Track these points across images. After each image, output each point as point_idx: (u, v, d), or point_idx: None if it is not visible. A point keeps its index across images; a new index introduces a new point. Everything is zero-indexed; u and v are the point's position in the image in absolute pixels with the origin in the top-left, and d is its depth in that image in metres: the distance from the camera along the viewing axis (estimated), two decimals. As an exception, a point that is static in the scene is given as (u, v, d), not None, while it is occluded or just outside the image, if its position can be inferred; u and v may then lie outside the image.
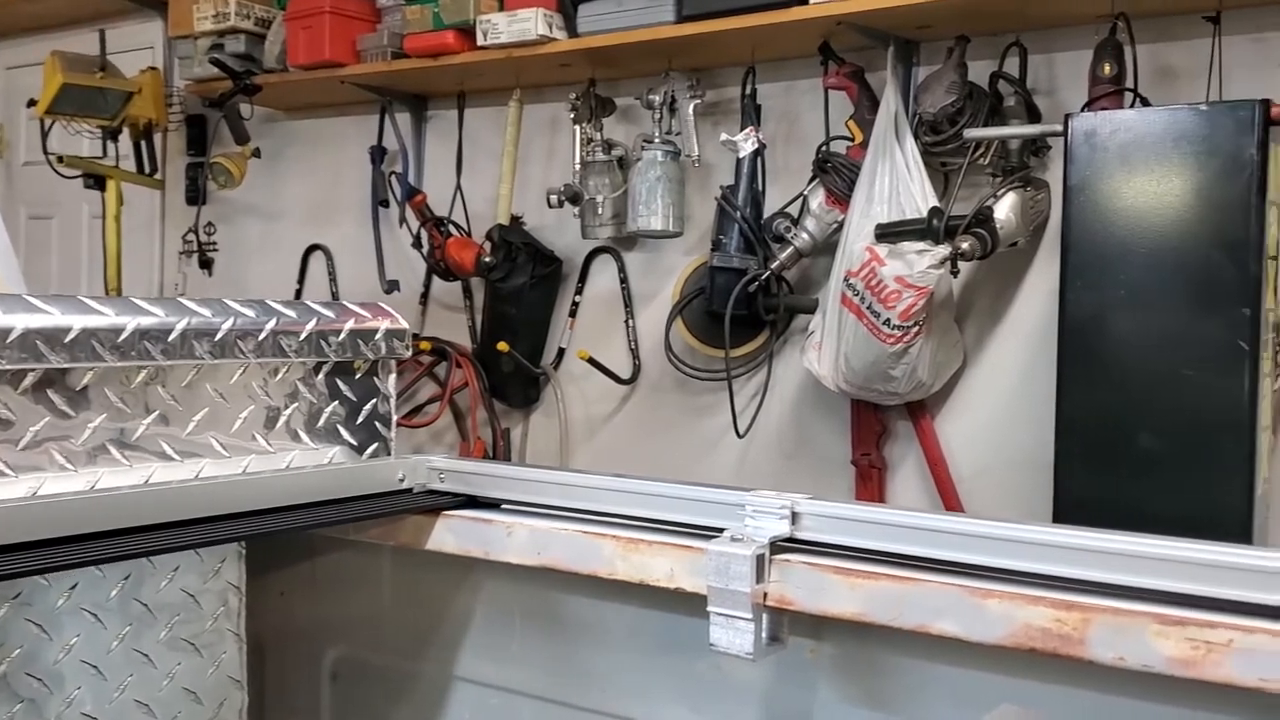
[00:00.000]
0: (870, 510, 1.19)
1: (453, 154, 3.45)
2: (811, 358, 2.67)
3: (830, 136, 2.74)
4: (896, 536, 1.14)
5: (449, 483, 1.46)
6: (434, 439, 3.42)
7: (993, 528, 1.10)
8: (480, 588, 1.52)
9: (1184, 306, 2.03)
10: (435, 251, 3.30)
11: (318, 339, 1.40)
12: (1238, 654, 0.95)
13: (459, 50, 3.09)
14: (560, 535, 1.32)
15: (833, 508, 1.18)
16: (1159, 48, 2.39)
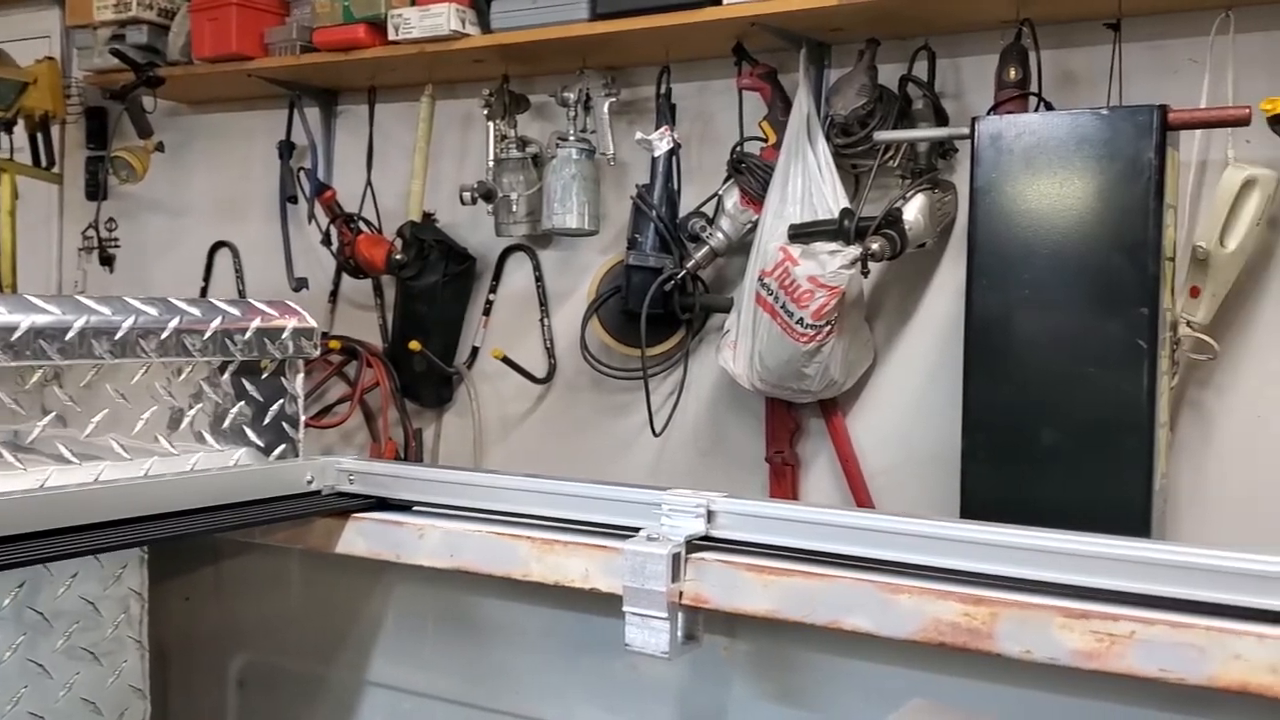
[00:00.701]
0: (784, 508, 1.20)
1: (363, 150, 3.40)
2: (727, 356, 2.68)
3: (744, 137, 2.76)
4: (809, 533, 1.15)
5: (359, 484, 1.43)
6: (344, 440, 3.37)
7: (903, 524, 1.12)
8: (392, 591, 1.49)
9: (1085, 306, 2.08)
10: (345, 249, 3.25)
11: (223, 338, 1.37)
12: (1139, 645, 0.97)
13: (370, 45, 3.04)
14: (473, 537, 1.31)
15: (747, 506, 1.19)
16: (1062, 53, 2.45)
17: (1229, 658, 0.94)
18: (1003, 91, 2.38)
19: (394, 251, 3.14)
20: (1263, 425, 2.32)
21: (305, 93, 3.45)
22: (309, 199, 3.37)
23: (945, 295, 2.61)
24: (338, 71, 3.24)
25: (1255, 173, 2.17)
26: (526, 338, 3.20)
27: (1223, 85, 2.26)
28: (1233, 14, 2.24)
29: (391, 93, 3.38)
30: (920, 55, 2.55)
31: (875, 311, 2.71)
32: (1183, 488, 2.35)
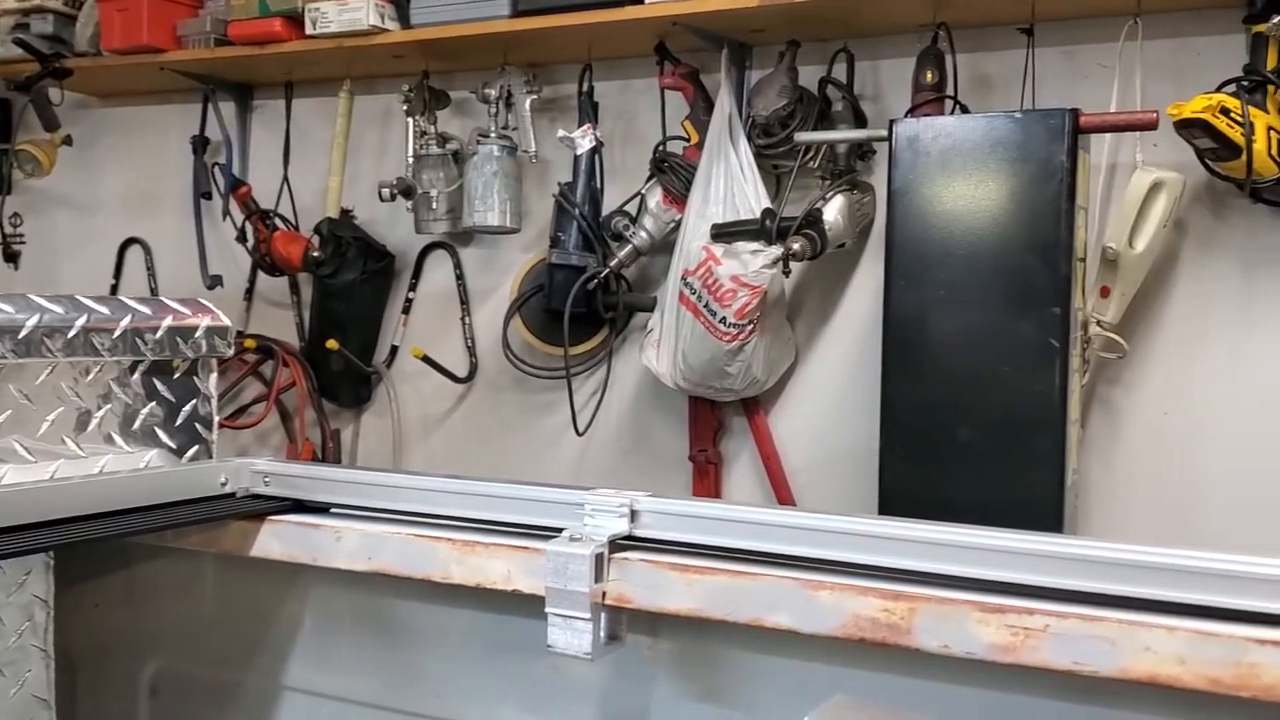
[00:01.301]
0: (707, 506, 1.21)
1: (280, 145, 3.34)
2: (650, 355, 2.69)
3: (667, 136, 2.76)
4: (732, 531, 1.15)
5: (274, 486, 1.40)
6: (260, 441, 3.31)
7: (824, 521, 1.13)
8: (309, 594, 1.47)
9: (1000, 306, 2.12)
10: (261, 246, 3.18)
11: (133, 337, 1.33)
12: (1053, 639, 0.99)
13: (286, 39, 2.99)
14: (392, 539, 1.29)
15: (670, 505, 1.19)
16: (977, 57, 2.50)
17: (1139, 650, 0.96)
18: (920, 94, 2.42)
19: (311, 249, 3.09)
20: (1169, 422, 2.38)
21: (220, 87, 3.38)
22: (224, 195, 3.30)
23: (864, 295, 2.64)
24: (253, 65, 3.18)
25: (1162, 176, 2.24)
26: (447, 336, 3.17)
27: (1131, 90, 2.32)
28: (1140, 21, 2.30)
29: (309, 87, 3.32)
30: (839, 58, 2.58)
31: (796, 311, 2.73)
32: (1093, 483, 2.41)
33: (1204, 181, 2.29)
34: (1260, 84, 2.12)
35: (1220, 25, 2.27)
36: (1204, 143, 2.10)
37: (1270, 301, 2.29)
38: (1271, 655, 0.92)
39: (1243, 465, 2.31)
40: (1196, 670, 0.94)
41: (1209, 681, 0.94)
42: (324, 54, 2.97)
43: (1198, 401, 2.36)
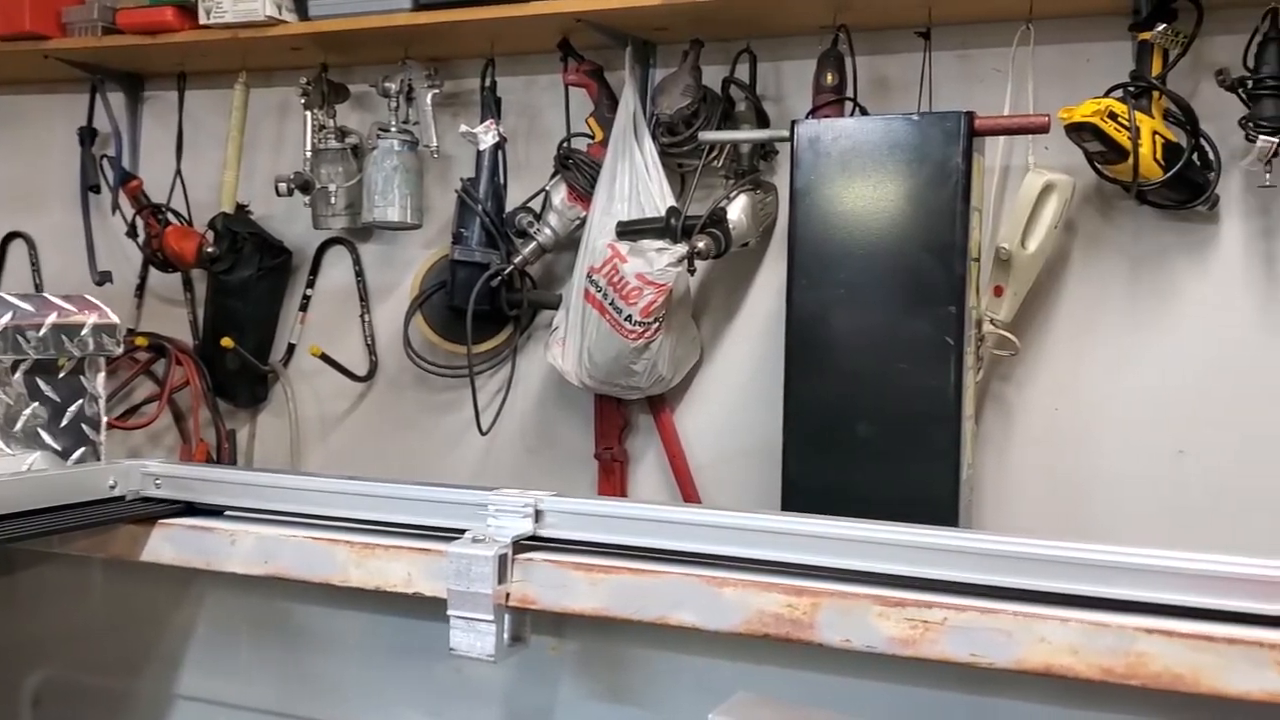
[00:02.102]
0: (611, 505, 1.20)
1: (172, 138, 3.24)
2: (555, 353, 2.67)
3: (571, 133, 2.75)
4: (637, 530, 1.15)
5: (166, 489, 1.36)
6: (152, 442, 3.21)
7: (728, 518, 1.13)
8: (203, 600, 1.43)
9: (898, 304, 2.16)
10: (152, 241, 3.09)
11: (14, 334, 1.28)
12: (951, 631, 1.01)
13: (179, 28, 2.90)
14: (289, 542, 1.26)
15: (575, 504, 1.18)
16: (876, 59, 2.54)
17: (1034, 641, 0.99)
18: (820, 96, 2.45)
19: (205, 244, 3.01)
20: (1059, 417, 2.45)
21: (108, 76, 3.27)
22: (113, 189, 3.19)
23: (768, 293, 2.66)
24: (144, 55, 3.08)
25: (1053, 178, 2.30)
26: (346, 334, 3.11)
27: (1024, 94, 2.38)
28: (1032, 27, 2.36)
29: (203, 79, 3.23)
30: (742, 58, 2.60)
31: (701, 309, 2.74)
32: (987, 477, 2.47)
33: (1093, 184, 2.37)
34: (1146, 90, 2.19)
35: (1108, 32, 2.34)
36: (1093, 146, 2.16)
37: (1155, 300, 2.38)
38: (1159, 644, 0.95)
39: (1129, 459, 2.39)
40: (1089, 660, 0.97)
41: (1101, 671, 0.96)
42: (218, 45, 2.89)
43: (1086, 397, 2.43)
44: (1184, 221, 2.35)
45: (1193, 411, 2.34)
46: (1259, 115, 2.14)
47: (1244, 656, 0.93)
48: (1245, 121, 2.16)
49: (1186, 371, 2.35)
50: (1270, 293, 2.29)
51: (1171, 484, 2.36)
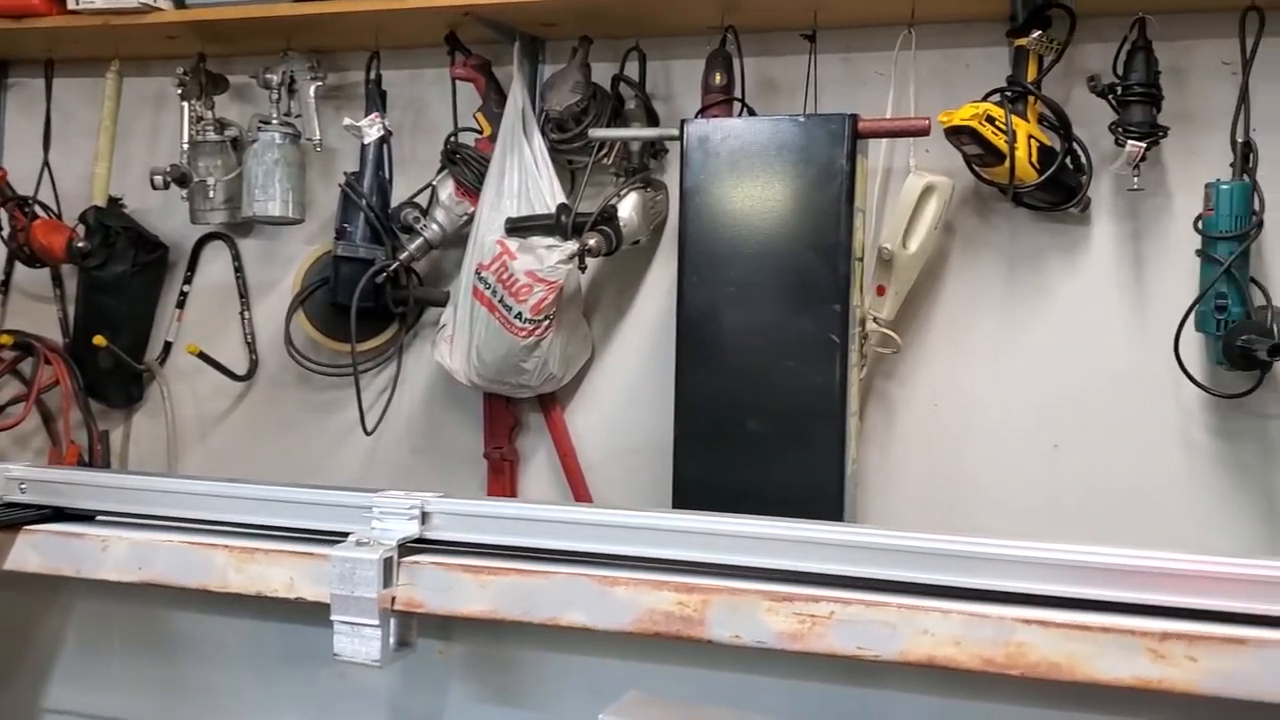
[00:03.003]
0: (500, 506, 1.19)
1: (39, 127, 3.11)
2: (443, 351, 2.64)
3: (459, 128, 2.72)
4: (526, 531, 1.14)
5: (32, 493, 1.30)
6: (19, 444, 3.07)
7: (618, 516, 1.13)
8: (72, 609, 1.37)
9: (785, 303, 2.19)
10: (19, 235, 2.95)
11: None
12: (838, 625, 1.02)
13: (46, 13, 2.77)
14: (164, 548, 1.22)
15: (463, 505, 1.17)
16: (763, 61, 2.56)
17: (917, 633, 1.01)
18: (709, 95, 2.46)
19: (75, 239, 2.89)
20: (939, 413, 2.51)
21: (-32, 61, 3.12)
22: (-27, 179, 3.04)
23: (658, 291, 2.67)
24: (8, 40, 2.93)
25: (934, 180, 2.35)
26: (226, 332, 3.02)
27: (906, 97, 2.43)
28: (914, 31, 2.41)
29: (73, 67, 3.10)
30: (631, 56, 2.60)
31: (592, 307, 2.74)
32: (870, 471, 2.52)
33: (971, 186, 2.43)
34: (1022, 94, 2.26)
35: (986, 38, 2.41)
36: (971, 149, 2.22)
37: (1030, 299, 2.45)
38: (1037, 634, 0.98)
39: (1006, 453, 2.46)
40: (971, 651, 0.99)
41: (982, 661, 0.99)
42: (89, 32, 2.77)
43: (964, 393, 2.49)
44: (1057, 223, 2.43)
45: (1066, 407, 2.42)
46: (1128, 121, 2.22)
47: (1117, 644, 0.97)
48: (1115, 126, 2.24)
49: (1060, 368, 2.43)
50: (1139, 292, 2.38)
51: (1046, 477, 2.43)
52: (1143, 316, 2.38)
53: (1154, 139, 2.22)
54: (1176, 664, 0.96)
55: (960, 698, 1.06)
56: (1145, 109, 2.22)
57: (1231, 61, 2.25)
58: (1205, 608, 1.02)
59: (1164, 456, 2.37)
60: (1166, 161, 2.34)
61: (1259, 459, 2.32)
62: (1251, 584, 1.03)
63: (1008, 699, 1.06)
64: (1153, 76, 2.22)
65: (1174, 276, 2.32)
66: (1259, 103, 2.22)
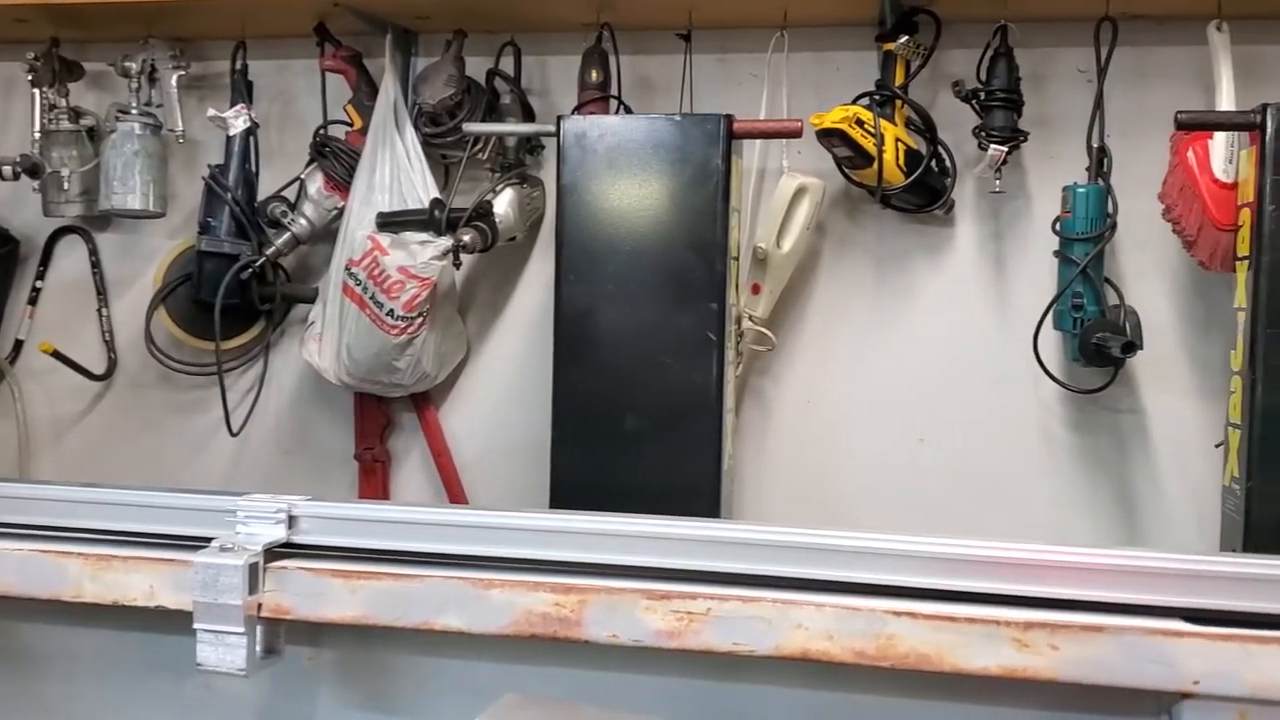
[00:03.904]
0: (371, 508, 1.17)
1: (-123, 112, 2.93)
2: (312, 349, 2.57)
3: (328, 120, 2.65)
4: (399, 533, 1.12)
5: None
6: None
7: (493, 517, 1.12)
8: (-91, 625, 1.29)
9: (663, 301, 2.19)
10: None
11: None
12: (715, 622, 1.03)
13: (-117, -9, 2.61)
14: (11, 556, 1.15)
15: (332, 508, 1.14)
16: (639, 59, 2.57)
17: (792, 627, 1.02)
18: (585, 92, 2.46)
19: (-86, 231, 2.73)
20: (812, 410, 2.56)
21: None
22: None
23: (535, 289, 2.65)
24: None
25: (806, 181, 2.39)
26: (82, 330, 2.89)
27: (779, 99, 2.47)
28: (786, 34, 2.45)
29: (-91, 48, 2.93)
30: (507, 51, 2.57)
31: (467, 304, 2.71)
32: (746, 468, 2.55)
33: (842, 188, 2.47)
34: (890, 98, 2.31)
35: (856, 42, 2.45)
36: (841, 151, 2.26)
37: (897, 300, 2.51)
38: (906, 626, 1.00)
39: (875, 447, 2.52)
40: (843, 644, 1.01)
41: (854, 654, 1.01)
42: (-72, 11, 2.62)
43: (836, 390, 2.54)
44: (923, 225, 2.49)
45: (931, 402, 2.49)
46: (990, 125, 2.29)
47: (983, 634, 0.99)
48: (978, 131, 2.31)
49: (925, 365, 2.50)
50: (1000, 291, 2.46)
51: (912, 470, 2.50)
52: (1004, 315, 2.46)
53: (1015, 143, 2.29)
54: (1040, 652, 0.99)
55: (833, 690, 1.08)
56: (1007, 114, 2.29)
57: (1087, 69, 2.34)
58: (1066, 597, 1.06)
59: (1024, 449, 2.46)
60: (1026, 165, 2.42)
61: (1113, 451, 2.43)
62: (1108, 573, 1.07)
63: (879, 691, 1.08)
64: (1014, 83, 2.30)
65: (1033, 276, 2.41)
66: (1113, 109, 2.32)
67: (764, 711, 1.09)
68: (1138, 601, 1.06)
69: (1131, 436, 2.43)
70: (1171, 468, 2.41)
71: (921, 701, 1.07)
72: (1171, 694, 1.04)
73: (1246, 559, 1.19)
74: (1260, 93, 2.08)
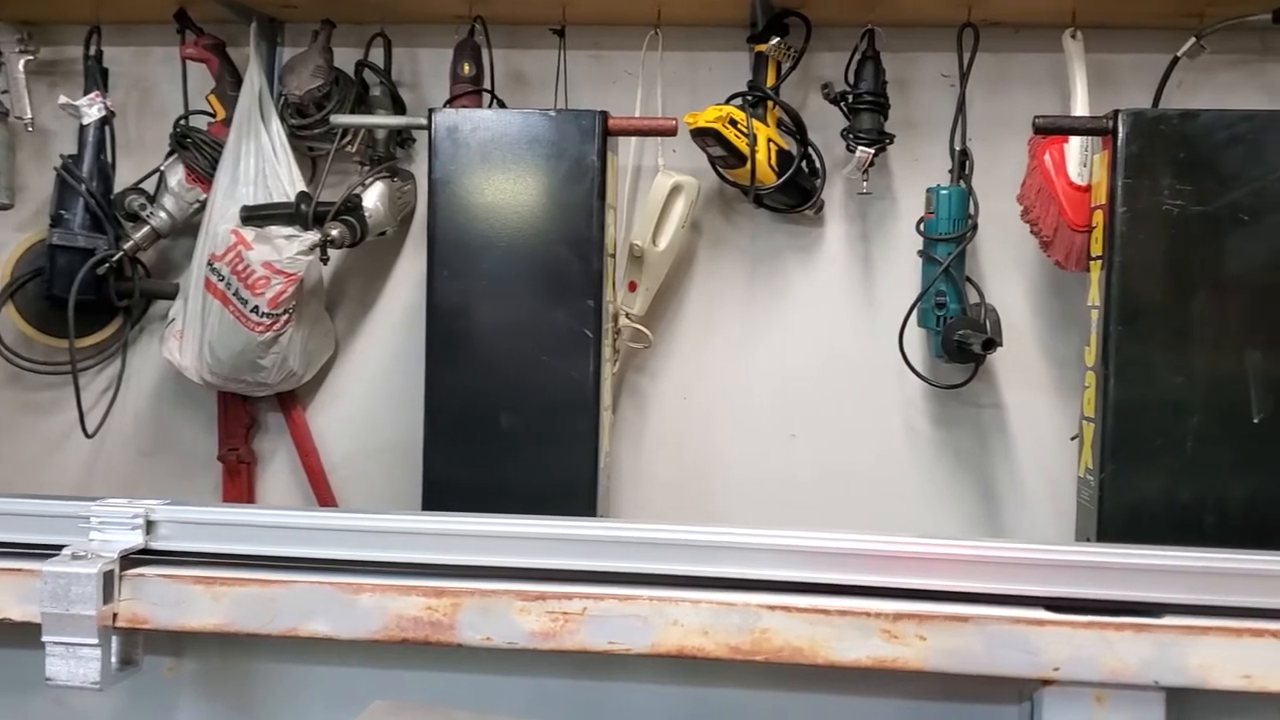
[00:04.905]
0: (234, 512, 1.12)
1: None
2: (172, 347, 2.48)
3: (189, 110, 2.56)
4: (264, 538, 1.08)
5: None
6: None
7: (363, 520, 1.09)
8: None
9: (539, 297, 2.18)
10: None
11: None
12: (590, 621, 1.02)
13: None
14: None
15: (193, 512, 1.09)
16: (513, 53, 2.54)
17: (668, 624, 1.02)
18: (458, 85, 2.43)
19: None
20: (688, 406, 2.58)
21: None
22: None
23: (407, 285, 2.61)
24: None
25: (681, 179, 2.40)
26: (-78, 328, 2.73)
27: (654, 97, 2.48)
28: (660, 33, 2.46)
29: None
30: (377, 42, 2.52)
31: (336, 300, 2.64)
32: (624, 465, 2.55)
33: (716, 187, 2.50)
34: (762, 99, 2.34)
35: (729, 42, 2.48)
36: (715, 151, 2.28)
37: (770, 298, 2.55)
38: (781, 620, 1.01)
39: (749, 443, 2.55)
40: (719, 639, 1.01)
41: (730, 649, 1.01)
42: None
43: (711, 387, 2.57)
44: (795, 224, 2.53)
45: (803, 398, 2.54)
46: (858, 128, 2.34)
47: (854, 626, 1.01)
48: (846, 133, 2.36)
49: (797, 361, 2.54)
50: (868, 290, 2.52)
51: (786, 465, 2.54)
52: (871, 313, 2.51)
53: (881, 145, 2.35)
54: (909, 643, 1.02)
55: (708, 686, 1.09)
56: (874, 117, 2.34)
57: (950, 74, 2.41)
58: (934, 588, 1.08)
59: (890, 444, 2.52)
60: (893, 168, 2.48)
61: (975, 445, 2.51)
62: (974, 564, 1.10)
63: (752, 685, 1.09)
64: (881, 86, 2.35)
65: (899, 275, 2.47)
66: (974, 113, 2.39)
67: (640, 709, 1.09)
68: (1001, 591, 1.09)
69: (992, 430, 2.51)
70: (1029, 460, 2.50)
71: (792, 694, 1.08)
72: (1033, 681, 1.08)
73: (1105, 549, 1.25)
74: (1113, 99, 2.17)
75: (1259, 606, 1.09)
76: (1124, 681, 1.05)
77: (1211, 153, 2.00)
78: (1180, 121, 2.02)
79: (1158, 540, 1.57)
